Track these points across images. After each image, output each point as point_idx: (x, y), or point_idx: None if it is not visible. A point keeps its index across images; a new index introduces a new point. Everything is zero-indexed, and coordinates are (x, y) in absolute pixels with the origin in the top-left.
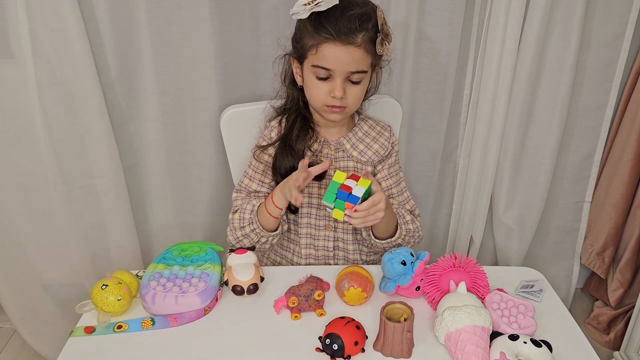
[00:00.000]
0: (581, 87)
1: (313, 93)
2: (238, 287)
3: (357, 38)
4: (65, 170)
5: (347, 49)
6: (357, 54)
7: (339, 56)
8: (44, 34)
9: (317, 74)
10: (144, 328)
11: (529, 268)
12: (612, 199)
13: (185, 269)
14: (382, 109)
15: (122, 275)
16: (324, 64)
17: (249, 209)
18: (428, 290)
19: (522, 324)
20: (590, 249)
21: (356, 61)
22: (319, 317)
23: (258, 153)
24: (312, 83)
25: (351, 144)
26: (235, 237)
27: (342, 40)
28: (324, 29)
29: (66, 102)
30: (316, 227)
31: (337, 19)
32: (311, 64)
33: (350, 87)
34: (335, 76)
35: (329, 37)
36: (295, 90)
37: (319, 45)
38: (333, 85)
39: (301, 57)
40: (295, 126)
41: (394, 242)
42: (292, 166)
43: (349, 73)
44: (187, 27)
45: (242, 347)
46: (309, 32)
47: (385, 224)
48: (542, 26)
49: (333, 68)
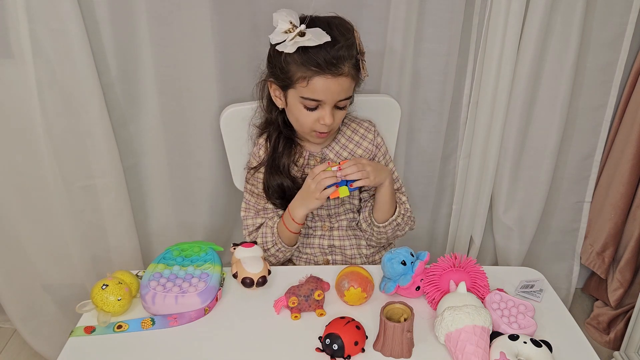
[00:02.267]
0: (581, 87)
1: (301, 121)
2: (248, 279)
3: (344, 68)
4: (65, 170)
5: (338, 80)
6: (346, 82)
7: (330, 88)
8: (44, 34)
9: (306, 105)
10: (144, 328)
11: (529, 268)
12: (612, 199)
13: (185, 269)
14: (381, 108)
15: (122, 275)
16: (315, 96)
17: (270, 232)
18: (428, 290)
19: (522, 324)
20: (590, 249)
21: (345, 90)
22: (319, 317)
23: (252, 174)
24: (300, 112)
25: (334, 153)
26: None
27: (333, 73)
28: (314, 62)
29: (66, 102)
30: (313, 228)
31: (327, 51)
32: (300, 95)
33: (336, 113)
34: (325, 105)
35: (320, 71)
36: (275, 112)
37: (310, 79)
38: (322, 114)
39: (286, 86)
40: (279, 143)
41: (394, 220)
42: (280, 183)
43: (337, 101)
44: (187, 27)
45: (242, 347)
46: (297, 64)
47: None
48: (542, 26)
49: (324, 99)
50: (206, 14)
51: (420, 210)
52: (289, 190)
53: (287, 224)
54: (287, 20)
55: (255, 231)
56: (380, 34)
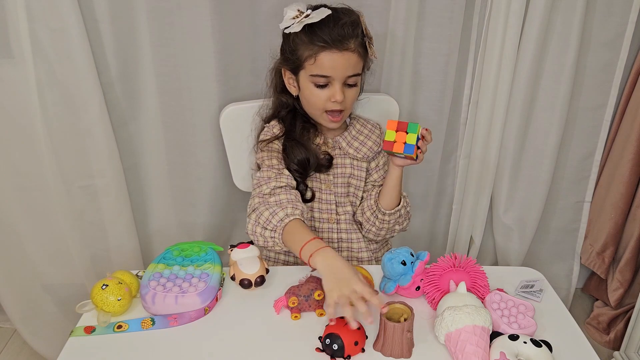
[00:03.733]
0: (581, 87)
1: (313, 101)
2: (245, 280)
3: (350, 44)
4: (65, 170)
5: (344, 55)
6: (353, 58)
7: (337, 63)
8: (44, 33)
9: (316, 82)
10: (144, 328)
11: (529, 268)
12: (612, 199)
13: (185, 269)
14: (379, 107)
15: (122, 275)
16: (324, 71)
17: (280, 217)
18: (428, 290)
19: (522, 324)
20: (590, 249)
21: (352, 65)
22: (319, 317)
23: (264, 145)
24: (311, 91)
25: (347, 142)
26: (253, 230)
27: (339, 47)
28: (319, 38)
29: (66, 102)
30: (319, 220)
31: (331, 28)
32: (309, 73)
33: (347, 91)
34: (334, 82)
35: (326, 46)
36: (290, 98)
37: (317, 55)
38: (333, 91)
39: (297, 68)
40: (297, 123)
41: (399, 210)
42: (305, 157)
43: (346, 77)
44: (187, 27)
45: (242, 347)
46: (304, 43)
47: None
48: (542, 26)
49: (332, 74)
50: (206, 14)
51: (420, 210)
52: (312, 166)
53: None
54: (295, 9)
55: (270, 196)
56: (380, 33)
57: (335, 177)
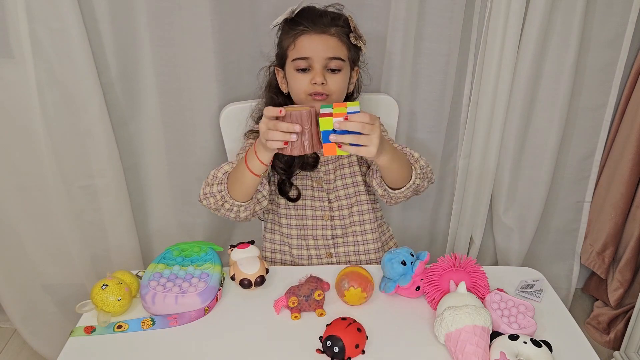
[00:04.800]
0: (581, 87)
1: (296, 86)
2: (245, 280)
3: (331, 29)
4: (65, 170)
5: (322, 37)
6: (332, 41)
7: (314, 44)
8: (44, 33)
9: (297, 67)
10: (144, 328)
11: (529, 268)
12: (612, 199)
13: (185, 269)
14: (378, 107)
15: (122, 275)
16: (302, 53)
17: (226, 169)
18: (428, 291)
19: (522, 324)
20: (590, 249)
21: (332, 48)
22: (319, 317)
23: (250, 134)
24: (294, 77)
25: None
26: (204, 193)
27: (317, 30)
28: (299, 24)
29: (66, 102)
30: (313, 217)
31: (312, 16)
32: (291, 59)
33: (330, 76)
34: (314, 64)
35: (305, 30)
36: (282, 97)
37: (296, 39)
38: (313, 74)
39: (282, 61)
40: None
41: (412, 185)
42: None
43: (327, 60)
44: (187, 27)
45: (242, 347)
46: (286, 32)
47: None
48: (542, 26)
49: (310, 55)
50: (206, 14)
51: (420, 210)
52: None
53: (248, 161)
54: (289, 11)
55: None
56: (381, 33)
57: (327, 174)
